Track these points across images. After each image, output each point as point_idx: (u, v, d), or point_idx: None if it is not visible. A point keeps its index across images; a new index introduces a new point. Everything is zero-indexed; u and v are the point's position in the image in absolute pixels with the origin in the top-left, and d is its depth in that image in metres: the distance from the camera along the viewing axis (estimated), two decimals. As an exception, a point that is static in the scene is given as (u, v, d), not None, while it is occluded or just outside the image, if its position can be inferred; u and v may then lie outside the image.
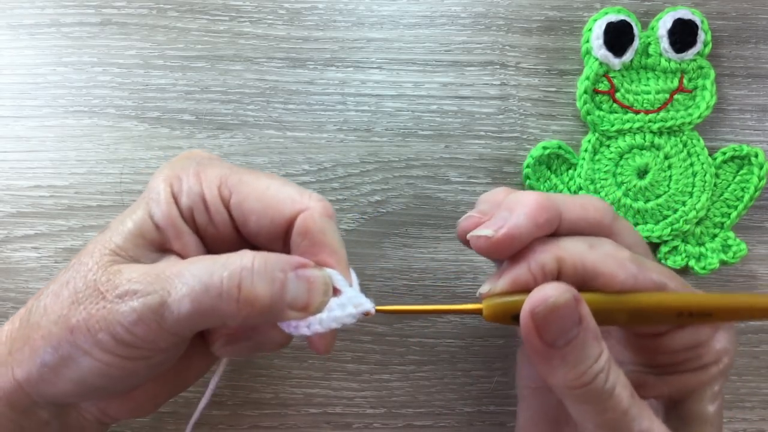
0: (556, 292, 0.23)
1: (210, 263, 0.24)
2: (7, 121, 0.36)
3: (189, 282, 0.23)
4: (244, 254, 0.24)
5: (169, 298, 0.23)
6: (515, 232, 0.24)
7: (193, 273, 0.23)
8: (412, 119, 0.36)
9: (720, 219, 0.37)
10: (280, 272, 0.24)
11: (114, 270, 0.24)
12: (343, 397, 0.36)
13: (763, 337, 0.37)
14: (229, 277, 0.23)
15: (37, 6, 0.36)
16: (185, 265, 0.24)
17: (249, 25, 0.36)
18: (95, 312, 0.23)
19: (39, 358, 0.24)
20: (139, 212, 0.26)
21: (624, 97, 0.36)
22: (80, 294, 0.24)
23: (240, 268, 0.23)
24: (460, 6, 0.36)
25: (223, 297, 0.23)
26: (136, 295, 0.23)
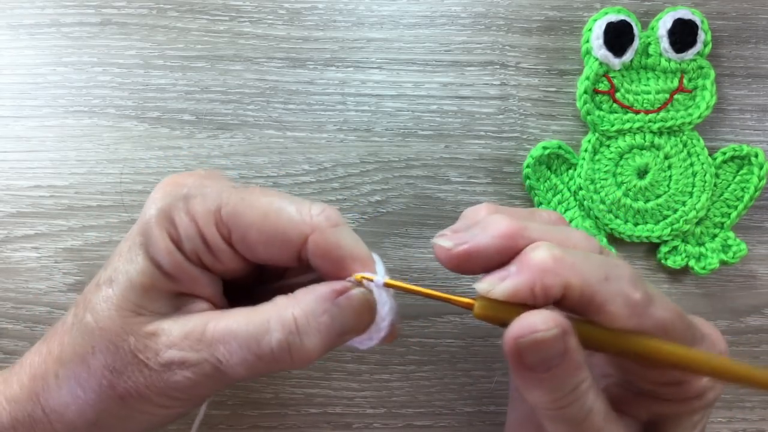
0: (543, 326, 0.22)
1: (252, 328, 0.24)
2: (7, 121, 0.36)
3: (236, 351, 0.23)
4: (284, 310, 0.24)
5: (221, 365, 0.24)
6: (472, 252, 0.23)
7: (239, 340, 0.23)
8: (412, 119, 0.36)
9: (720, 219, 0.37)
10: (323, 315, 0.24)
11: (147, 333, 0.24)
12: (343, 397, 0.36)
13: (763, 337, 0.37)
14: (277, 344, 0.23)
15: (37, 6, 0.36)
16: (227, 326, 0.24)
17: (249, 25, 0.36)
18: (143, 380, 0.24)
19: (87, 419, 0.25)
20: (141, 261, 0.25)
21: (624, 97, 0.36)
22: (117, 364, 0.24)
23: (285, 331, 0.23)
24: (460, 6, 0.36)
25: (277, 361, 0.24)
26: (185, 365, 0.24)
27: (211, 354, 0.24)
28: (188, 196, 0.25)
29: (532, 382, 0.23)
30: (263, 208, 0.25)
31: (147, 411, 0.25)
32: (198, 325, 0.24)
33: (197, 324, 0.24)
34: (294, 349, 0.23)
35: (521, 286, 0.22)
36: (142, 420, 0.25)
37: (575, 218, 0.36)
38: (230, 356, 0.23)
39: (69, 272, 0.35)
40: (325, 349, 0.24)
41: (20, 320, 0.35)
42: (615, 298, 0.23)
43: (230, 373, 0.24)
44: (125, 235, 0.26)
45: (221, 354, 0.23)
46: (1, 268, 0.35)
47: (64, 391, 0.25)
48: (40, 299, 0.35)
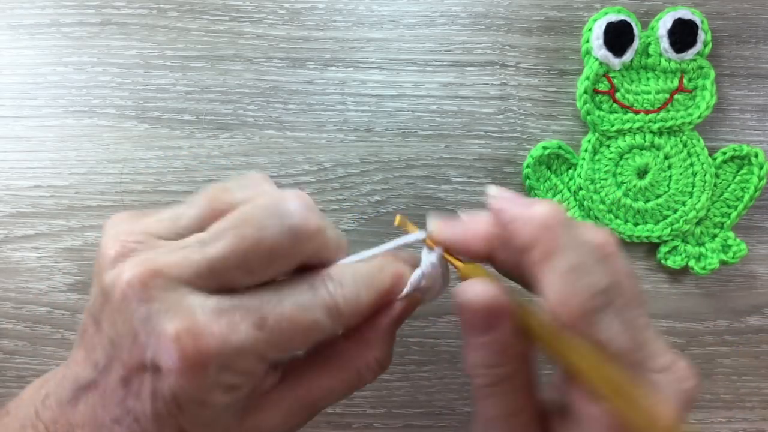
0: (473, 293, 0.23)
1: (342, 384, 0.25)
2: (7, 121, 0.36)
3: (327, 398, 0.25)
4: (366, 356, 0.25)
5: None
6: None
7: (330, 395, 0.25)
8: (412, 119, 0.36)
9: (720, 219, 0.37)
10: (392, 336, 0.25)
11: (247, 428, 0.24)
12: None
13: (763, 337, 0.37)
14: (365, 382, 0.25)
15: (37, 6, 0.36)
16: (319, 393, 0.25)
17: (249, 25, 0.36)
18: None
19: None
20: None
21: (624, 97, 0.36)
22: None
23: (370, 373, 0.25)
24: (460, 6, 0.36)
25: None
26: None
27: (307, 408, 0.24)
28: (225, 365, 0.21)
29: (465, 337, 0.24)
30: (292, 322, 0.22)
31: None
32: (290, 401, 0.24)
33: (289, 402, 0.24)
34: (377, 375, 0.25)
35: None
36: None
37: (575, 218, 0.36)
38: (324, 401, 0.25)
39: (69, 272, 0.35)
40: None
41: (20, 320, 0.35)
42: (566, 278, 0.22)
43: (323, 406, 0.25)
44: None
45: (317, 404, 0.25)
46: (1, 268, 0.35)
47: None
48: (40, 299, 0.35)
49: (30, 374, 0.35)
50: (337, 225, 0.36)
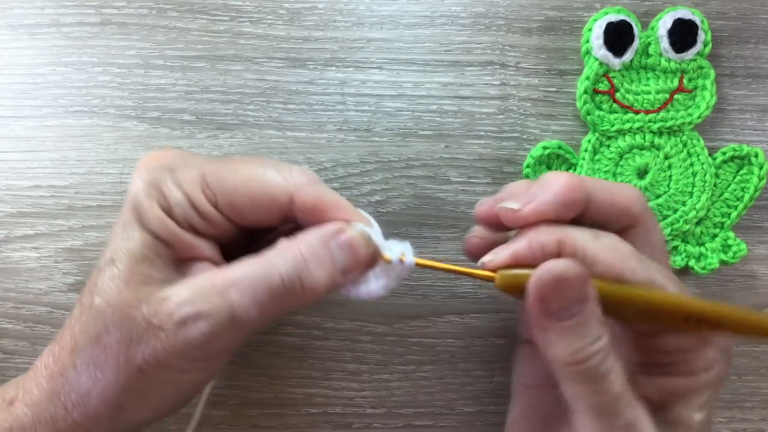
0: (564, 265, 0.24)
1: (260, 266, 0.24)
2: (7, 121, 0.36)
3: (248, 290, 0.24)
4: (288, 247, 0.25)
5: (235, 309, 0.24)
6: (542, 209, 0.25)
7: (249, 279, 0.24)
8: (412, 119, 0.36)
9: (720, 219, 0.37)
10: (324, 248, 0.25)
11: (158, 299, 0.24)
12: (343, 397, 0.36)
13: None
14: (287, 275, 0.24)
15: (37, 6, 0.36)
16: (234, 273, 0.24)
17: (249, 25, 0.36)
18: (160, 345, 0.24)
19: (110, 402, 0.24)
20: (138, 235, 0.25)
21: (624, 97, 0.36)
22: (133, 334, 0.24)
23: (293, 262, 0.24)
24: (460, 6, 0.36)
25: (288, 294, 0.24)
26: (199, 317, 0.24)
27: (223, 301, 0.24)
28: (173, 167, 0.26)
29: (553, 334, 0.24)
30: (246, 172, 0.26)
31: (167, 379, 0.25)
32: (206, 279, 0.25)
33: (205, 279, 0.25)
34: (304, 278, 0.24)
35: (519, 247, 0.25)
36: (164, 392, 0.25)
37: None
38: (243, 297, 0.24)
39: (69, 272, 0.35)
40: (331, 282, 0.25)
41: (20, 320, 0.35)
42: (606, 250, 0.25)
43: (244, 316, 0.24)
44: (117, 218, 0.26)
45: (234, 298, 0.24)
46: (1, 268, 0.35)
47: (83, 379, 0.24)
48: (40, 299, 0.35)
49: (30, 374, 0.35)
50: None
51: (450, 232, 0.36)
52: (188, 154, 0.27)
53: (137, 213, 0.25)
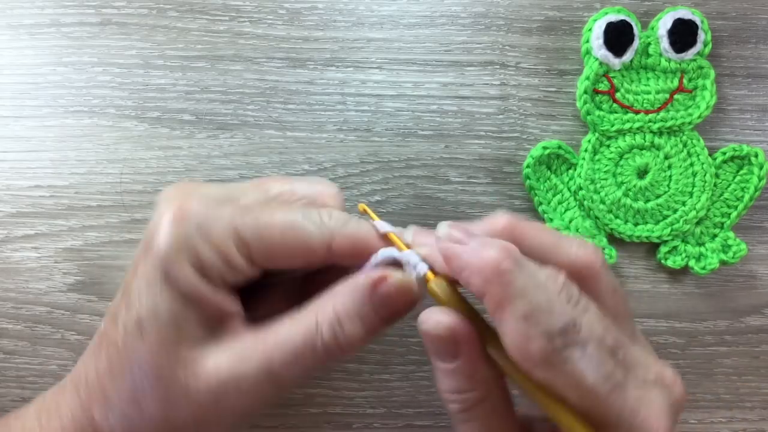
0: (432, 323, 0.23)
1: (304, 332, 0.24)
2: (7, 121, 0.36)
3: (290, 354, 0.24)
4: (325, 306, 0.25)
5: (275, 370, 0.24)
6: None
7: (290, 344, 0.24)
8: (412, 119, 0.36)
9: (720, 219, 0.37)
10: (364, 305, 0.24)
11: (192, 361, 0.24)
12: (343, 397, 0.36)
13: (763, 337, 0.37)
14: (326, 338, 0.24)
15: (37, 6, 0.36)
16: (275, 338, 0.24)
17: (249, 25, 0.36)
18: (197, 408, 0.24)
19: None
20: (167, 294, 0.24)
21: (624, 97, 0.36)
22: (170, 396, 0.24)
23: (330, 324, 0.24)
24: (460, 6, 0.36)
25: (327, 355, 0.24)
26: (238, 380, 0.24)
27: (264, 364, 0.24)
28: (202, 222, 0.25)
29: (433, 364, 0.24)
30: (280, 224, 0.25)
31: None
32: (245, 344, 0.25)
33: (243, 342, 0.25)
34: (339, 338, 0.24)
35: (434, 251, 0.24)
36: None
37: (575, 218, 0.36)
38: (283, 358, 0.24)
39: (69, 272, 0.35)
40: (369, 334, 0.25)
41: (20, 320, 0.35)
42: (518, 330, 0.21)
43: (285, 375, 0.24)
44: (134, 266, 0.25)
45: (276, 362, 0.24)
46: (1, 268, 0.35)
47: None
48: (40, 299, 0.35)
49: (30, 374, 0.35)
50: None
51: (450, 232, 0.36)
52: (214, 202, 0.25)
53: (165, 272, 0.24)
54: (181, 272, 0.24)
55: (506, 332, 0.21)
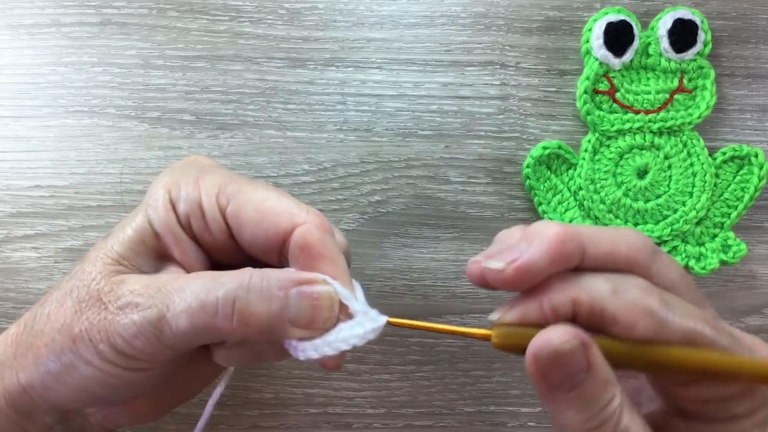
0: (559, 339, 0.22)
1: (209, 280, 0.24)
2: (7, 121, 0.36)
3: (187, 298, 0.23)
4: (244, 272, 0.24)
5: (168, 313, 0.23)
6: (528, 267, 0.22)
7: (192, 289, 0.23)
8: (412, 119, 0.36)
9: (720, 219, 0.37)
10: (280, 290, 0.23)
11: (117, 280, 0.24)
12: (343, 397, 0.36)
13: (763, 337, 0.37)
14: (224, 294, 0.23)
15: (37, 6, 0.36)
16: (186, 281, 0.24)
17: (249, 25, 0.36)
18: (97, 322, 0.24)
19: (42, 365, 0.24)
20: (138, 219, 0.26)
21: (624, 97, 0.36)
22: (83, 303, 0.24)
23: (236, 286, 0.23)
24: (460, 6, 0.36)
25: (219, 315, 0.23)
26: (137, 308, 0.23)
27: (162, 302, 0.23)
28: (201, 169, 0.26)
29: (560, 403, 0.23)
30: (266, 193, 0.26)
31: (92, 362, 0.24)
32: (163, 279, 0.24)
33: (164, 278, 0.24)
34: (238, 304, 0.23)
35: (530, 308, 0.23)
36: (88, 376, 0.24)
37: (575, 218, 0.36)
38: (179, 303, 0.23)
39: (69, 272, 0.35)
40: (268, 323, 0.23)
41: (20, 320, 0.35)
42: (627, 308, 0.22)
43: (173, 324, 0.23)
44: None
45: (172, 302, 0.23)
46: (1, 268, 0.35)
47: (35, 330, 0.25)
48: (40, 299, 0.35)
49: (30, 374, 0.35)
50: (337, 225, 0.36)
51: (450, 232, 0.36)
52: (221, 165, 0.28)
53: (148, 196, 0.26)
54: (156, 198, 0.26)
55: (616, 310, 0.22)
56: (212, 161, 0.28)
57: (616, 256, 0.23)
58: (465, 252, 0.36)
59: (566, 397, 0.22)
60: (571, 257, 0.23)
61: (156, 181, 0.27)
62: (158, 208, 0.25)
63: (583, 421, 0.22)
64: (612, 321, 0.22)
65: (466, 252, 0.36)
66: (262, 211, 0.25)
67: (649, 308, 0.22)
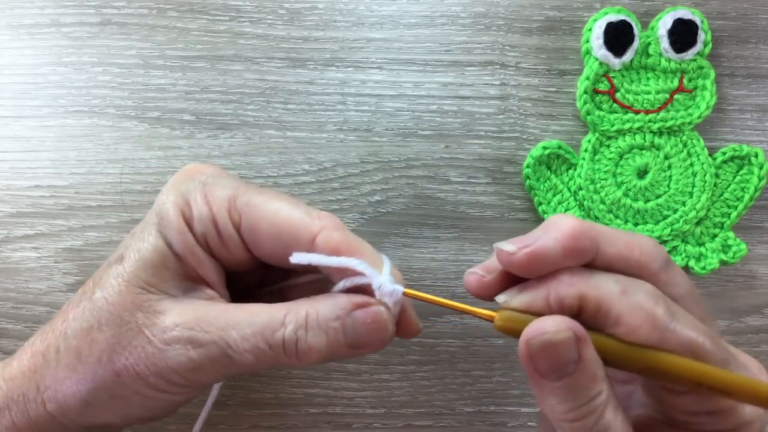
0: (553, 329, 0.22)
1: (268, 318, 0.24)
2: (7, 121, 0.36)
3: (250, 338, 0.24)
4: (299, 306, 0.24)
5: (230, 350, 0.24)
6: (539, 254, 0.23)
7: (253, 328, 0.24)
8: (412, 119, 0.36)
9: (720, 219, 0.37)
10: (335, 320, 0.24)
11: (156, 311, 0.24)
12: (343, 397, 0.36)
13: (763, 337, 0.37)
14: (288, 336, 0.24)
15: (37, 6, 0.36)
16: (242, 316, 0.24)
17: (249, 25, 0.36)
18: (144, 357, 0.24)
19: (80, 396, 0.24)
20: (153, 241, 0.25)
21: (624, 97, 0.36)
22: (122, 338, 0.24)
23: (296, 326, 0.24)
24: (460, 6, 0.36)
25: (285, 353, 0.24)
26: (191, 343, 0.24)
27: (221, 337, 0.24)
28: (207, 182, 0.26)
29: (545, 390, 0.23)
30: (277, 203, 0.26)
31: (141, 392, 0.24)
32: (211, 310, 0.24)
33: (210, 309, 0.25)
34: (300, 343, 0.24)
35: (537, 296, 0.23)
36: (134, 403, 0.25)
37: (575, 218, 0.36)
38: (241, 341, 0.24)
39: (69, 272, 0.35)
40: (331, 352, 0.24)
41: (20, 320, 0.35)
42: (633, 311, 0.22)
43: (237, 358, 0.24)
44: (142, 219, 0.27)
45: (232, 338, 0.24)
46: (1, 268, 0.35)
47: (62, 364, 0.25)
48: (40, 299, 0.35)
49: (30, 374, 0.35)
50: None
51: (450, 232, 0.36)
52: (225, 172, 0.28)
53: (159, 218, 0.25)
54: (171, 219, 0.25)
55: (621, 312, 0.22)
56: (212, 169, 0.28)
57: (629, 259, 0.23)
58: (465, 252, 0.36)
59: (552, 385, 0.22)
60: (584, 252, 0.23)
61: (162, 198, 0.26)
62: (175, 230, 0.25)
63: (565, 411, 0.23)
64: (616, 322, 0.22)
65: (466, 252, 0.36)
66: (278, 226, 0.25)
67: (654, 315, 0.22)
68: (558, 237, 0.23)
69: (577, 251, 0.23)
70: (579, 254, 0.23)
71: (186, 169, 0.28)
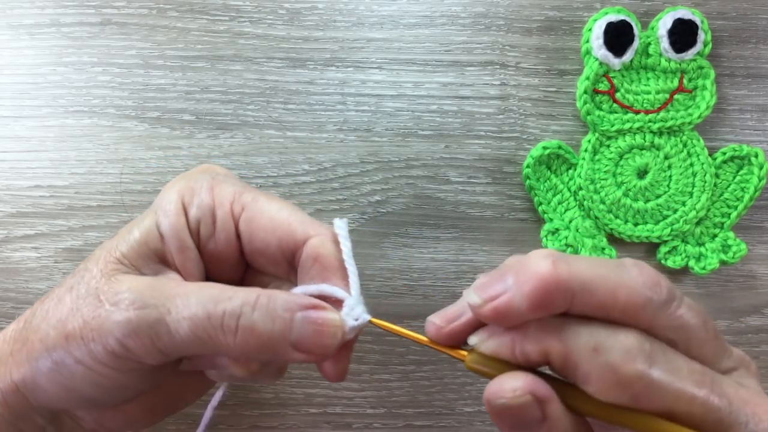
0: (510, 394, 0.21)
1: (217, 292, 0.24)
2: (7, 121, 0.36)
3: (192, 306, 0.23)
4: (252, 290, 0.24)
5: (169, 316, 0.23)
6: (505, 310, 0.21)
7: (199, 298, 0.23)
8: (412, 119, 0.36)
9: (720, 219, 0.37)
10: (285, 311, 0.24)
11: (116, 279, 0.24)
12: (343, 397, 0.36)
13: (763, 337, 0.37)
14: (231, 309, 0.23)
15: (37, 6, 0.36)
16: (192, 288, 0.24)
17: (249, 25, 0.36)
18: (90, 320, 0.23)
19: (34, 361, 0.24)
20: (147, 221, 0.26)
21: (624, 97, 0.36)
22: (81, 300, 0.24)
23: (243, 302, 0.23)
24: (460, 6, 0.36)
25: (223, 328, 0.23)
26: (133, 305, 0.23)
27: (163, 304, 0.23)
28: (216, 178, 0.27)
29: None
30: (281, 204, 0.26)
31: (83, 361, 0.24)
32: (165, 282, 0.24)
33: (165, 281, 0.24)
34: (242, 322, 0.23)
35: (502, 348, 0.22)
36: (77, 374, 0.24)
37: (575, 218, 0.36)
38: (182, 308, 0.23)
39: (69, 272, 0.35)
40: (271, 344, 0.23)
41: (20, 320, 0.35)
42: (602, 371, 0.20)
43: (173, 327, 0.23)
44: None
45: (175, 305, 0.23)
46: (1, 268, 0.35)
47: (32, 326, 0.25)
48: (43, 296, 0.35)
49: (30, 374, 0.35)
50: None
51: (450, 232, 0.36)
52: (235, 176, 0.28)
53: (160, 201, 0.26)
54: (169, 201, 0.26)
55: (589, 372, 0.21)
56: (226, 171, 0.28)
57: (612, 308, 0.21)
58: (465, 252, 0.36)
59: None
60: (555, 307, 0.21)
61: (169, 185, 0.27)
62: (169, 211, 0.25)
63: None
64: (585, 380, 0.21)
65: (466, 252, 0.36)
66: (276, 221, 0.26)
67: (627, 375, 0.20)
68: (526, 291, 0.21)
69: (546, 307, 0.21)
70: (549, 309, 0.21)
71: (201, 166, 0.28)
